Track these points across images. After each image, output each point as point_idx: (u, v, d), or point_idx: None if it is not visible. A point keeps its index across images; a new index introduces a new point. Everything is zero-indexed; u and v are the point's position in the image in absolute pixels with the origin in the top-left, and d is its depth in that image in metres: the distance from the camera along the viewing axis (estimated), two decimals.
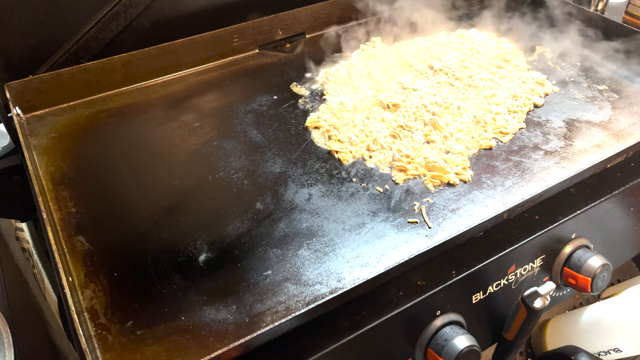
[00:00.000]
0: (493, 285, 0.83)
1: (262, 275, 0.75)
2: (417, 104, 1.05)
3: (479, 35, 1.29)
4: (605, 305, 0.97)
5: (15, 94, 1.04)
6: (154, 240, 0.81)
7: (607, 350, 0.94)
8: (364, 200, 0.87)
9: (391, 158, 0.95)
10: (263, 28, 1.25)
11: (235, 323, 0.68)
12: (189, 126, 1.04)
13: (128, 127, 1.04)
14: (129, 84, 1.15)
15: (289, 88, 1.15)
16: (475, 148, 0.98)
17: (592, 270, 0.85)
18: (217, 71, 1.21)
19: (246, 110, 1.08)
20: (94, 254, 0.78)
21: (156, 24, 1.19)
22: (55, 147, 0.99)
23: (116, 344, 0.67)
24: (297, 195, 0.88)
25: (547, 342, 1.08)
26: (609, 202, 0.91)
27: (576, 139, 0.99)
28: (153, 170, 0.95)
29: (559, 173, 0.91)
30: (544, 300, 0.78)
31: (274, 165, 0.94)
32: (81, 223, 0.83)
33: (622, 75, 1.17)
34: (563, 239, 0.88)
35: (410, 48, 1.25)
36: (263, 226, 0.82)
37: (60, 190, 0.89)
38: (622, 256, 1.04)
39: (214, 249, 0.79)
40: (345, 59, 1.23)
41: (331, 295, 0.68)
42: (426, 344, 0.77)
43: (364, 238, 0.80)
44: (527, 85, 1.12)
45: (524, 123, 1.04)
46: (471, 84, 1.12)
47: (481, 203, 0.86)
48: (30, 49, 1.08)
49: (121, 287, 0.74)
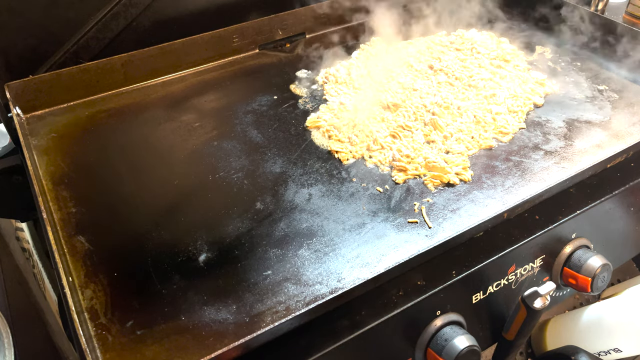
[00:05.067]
0: (493, 285, 0.83)
1: (262, 275, 0.75)
2: (417, 104, 1.05)
3: (479, 35, 1.29)
4: (605, 305, 0.97)
5: (15, 94, 1.04)
6: (154, 240, 0.81)
7: (607, 350, 0.94)
8: (364, 200, 0.87)
9: (391, 158, 0.95)
10: (263, 28, 1.25)
11: (235, 323, 0.68)
12: (189, 126, 1.04)
13: (128, 127, 1.04)
14: (129, 84, 1.15)
15: (289, 88, 1.15)
16: (475, 148, 0.98)
17: (592, 270, 0.85)
18: (217, 71, 1.21)
19: (246, 110, 1.08)
20: (94, 254, 0.78)
21: (156, 24, 1.19)
22: (55, 147, 0.99)
23: (116, 344, 0.67)
24: (297, 195, 0.88)
25: (547, 342, 1.08)
26: (609, 202, 0.91)
27: (576, 139, 0.99)
28: (153, 170, 0.95)
29: (559, 173, 0.91)
30: (544, 300, 0.78)
31: (274, 165, 0.94)
32: (81, 223, 0.83)
33: (622, 75, 1.17)
34: (563, 239, 0.88)
35: (411, 48, 1.25)
36: (263, 226, 0.82)
37: (60, 190, 0.89)
38: (622, 256, 1.04)
39: (214, 249, 0.79)
40: (345, 59, 1.23)
41: (331, 295, 0.68)
42: (426, 344, 0.77)
43: (364, 238, 0.80)
44: (527, 85, 1.12)
45: (524, 123, 1.04)
46: (471, 84, 1.12)
47: (481, 203, 0.86)
48: (30, 49, 1.08)
49: (121, 287, 0.74)
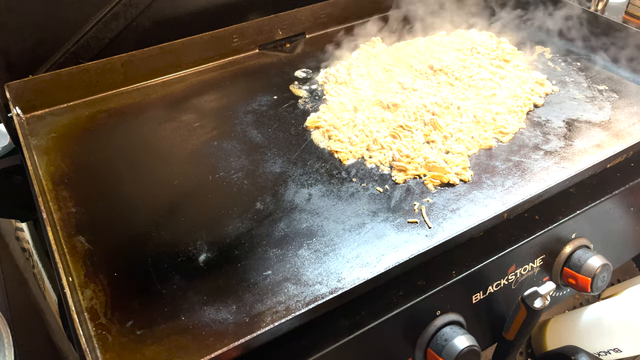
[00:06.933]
0: (493, 285, 0.83)
1: (262, 275, 0.75)
2: (417, 104, 1.05)
3: (479, 35, 1.29)
4: (605, 305, 0.97)
5: (15, 94, 1.04)
6: (154, 240, 0.81)
7: (607, 350, 0.94)
8: (364, 200, 0.87)
9: (391, 158, 0.95)
10: (263, 28, 1.25)
11: (235, 323, 0.68)
12: (189, 126, 1.04)
13: (128, 127, 1.04)
14: (129, 84, 1.15)
15: (289, 88, 1.15)
16: (475, 148, 0.98)
17: (592, 270, 0.85)
18: (217, 71, 1.21)
19: (246, 110, 1.08)
20: (94, 254, 0.78)
21: (156, 24, 1.19)
22: (55, 147, 0.99)
23: (116, 344, 0.67)
24: (297, 195, 0.88)
25: (547, 342, 1.08)
26: (609, 202, 0.91)
27: (576, 139, 0.99)
28: (153, 170, 0.95)
29: (559, 173, 0.91)
30: (544, 300, 0.78)
31: (274, 165, 0.94)
32: (81, 223, 0.83)
33: (622, 75, 1.17)
34: (563, 239, 0.88)
35: (410, 48, 1.25)
36: (263, 226, 0.82)
37: (60, 190, 0.89)
38: (622, 256, 1.04)
39: (214, 249, 0.79)
40: (345, 59, 1.23)
41: (331, 295, 0.68)
42: (426, 344, 0.77)
43: (364, 238, 0.80)
44: (527, 85, 1.12)
45: (524, 123, 1.04)
46: (471, 84, 1.12)
47: (481, 203, 0.86)
48: (30, 49, 1.08)
49: (121, 287, 0.74)
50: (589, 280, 0.85)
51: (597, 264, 0.85)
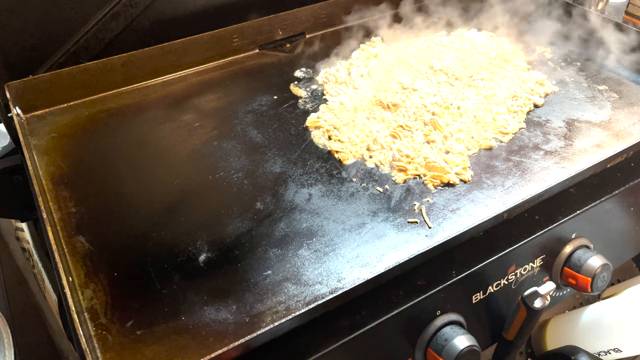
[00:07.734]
0: (493, 285, 0.83)
1: (262, 275, 0.75)
2: (417, 104, 1.05)
3: (479, 35, 1.29)
4: (605, 305, 0.97)
5: (15, 94, 1.04)
6: (154, 240, 0.81)
7: (607, 350, 0.94)
8: (364, 200, 0.87)
9: (391, 158, 0.95)
10: (263, 28, 1.25)
11: (235, 323, 0.68)
12: (189, 126, 1.04)
13: (128, 127, 1.04)
14: (129, 84, 1.15)
15: (289, 88, 1.15)
16: (475, 148, 0.98)
17: (592, 270, 0.85)
18: (217, 71, 1.21)
19: (246, 110, 1.08)
20: (94, 254, 0.78)
21: (156, 24, 1.19)
22: (55, 147, 0.99)
23: (116, 344, 0.67)
24: (297, 195, 0.88)
25: (547, 342, 1.08)
26: (609, 202, 0.91)
27: (576, 139, 0.99)
28: (153, 170, 0.95)
29: (559, 173, 0.91)
30: (544, 300, 0.78)
31: (274, 165, 0.94)
32: (81, 223, 0.83)
33: (622, 75, 1.17)
34: (563, 239, 0.88)
35: (410, 48, 1.25)
36: (263, 226, 0.82)
37: (60, 190, 0.89)
38: (622, 256, 1.04)
39: (214, 249, 0.79)
40: (345, 59, 1.23)
41: (331, 295, 0.68)
42: (426, 344, 0.77)
43: (364, 238, 0.80)
44: (527, 85, 1.12)
45: (524, 123, 1.04)
46: (471, 84, 1.12)
47: (481, 203, 0.86)
48: (30, 49, 1.08)
49: (121, 287, 0.74)
50: (589, 280, 0.85)
51: (597, 264, 0.85)
